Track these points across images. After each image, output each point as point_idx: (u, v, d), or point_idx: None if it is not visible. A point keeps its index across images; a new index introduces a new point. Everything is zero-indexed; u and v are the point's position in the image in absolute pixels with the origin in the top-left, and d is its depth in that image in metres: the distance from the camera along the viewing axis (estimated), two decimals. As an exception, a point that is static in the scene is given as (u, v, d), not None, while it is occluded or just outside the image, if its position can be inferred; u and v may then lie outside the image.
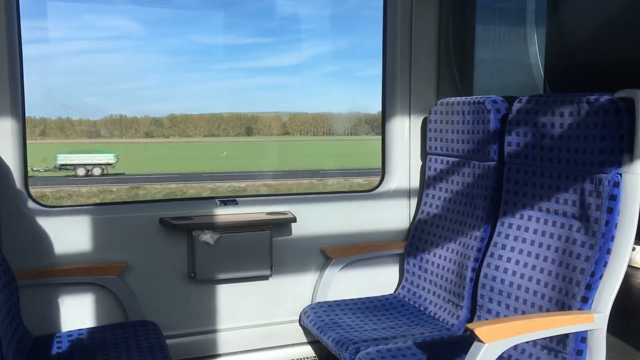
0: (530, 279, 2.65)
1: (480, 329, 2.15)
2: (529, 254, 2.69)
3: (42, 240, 2.97)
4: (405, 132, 3.61)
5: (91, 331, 2.91)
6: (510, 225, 2.83)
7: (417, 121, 3.61)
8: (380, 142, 3.70)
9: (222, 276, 3.23)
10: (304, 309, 3.35)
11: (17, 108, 2.91)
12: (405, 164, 3.63)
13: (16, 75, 2.91)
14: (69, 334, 2.90)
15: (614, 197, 2.36)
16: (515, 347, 2.58)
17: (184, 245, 3.20)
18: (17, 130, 2.92)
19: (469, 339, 2.34)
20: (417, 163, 3.64)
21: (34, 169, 20.71)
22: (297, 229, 3.40)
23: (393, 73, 3.56)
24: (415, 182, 3.64)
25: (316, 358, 3.49)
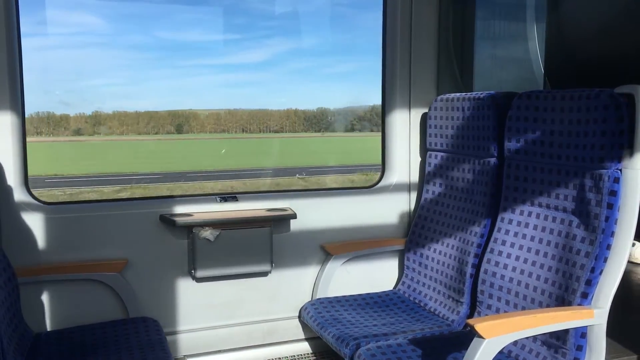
0: (530, 274, 2.65)
1: (480, 325, 2.15)
2: (528, 249, 2.69)
3: (42, 237, 2.97)
4: (405, 128, 3.60)
5: (92, 328, 2.91)
6: (510, 221, 2.83)
7: (417, 117, 3.60)
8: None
9: (223, 272, 3.23)
10: (304, 305, 3.35)
11: (16, 105, 2.91)
12: (405, 160, 3.63)
13: (15, 72, 2.90)
14: (70, 330, 2.90)
15: (614, 193, 2.35)
16: (515, 343, 2.59)
17: (184, 241, 3.20)
18: (17, 128, 2.92)
19: (469, 335, 2.34)
20: (417, 159, 3.64)
21: None
22: (297, 225, 3.40)
23: (393, 69, 3.56)
24: (415, 178, 3.64)
25: (316, 354, 3.50)
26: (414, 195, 3.64)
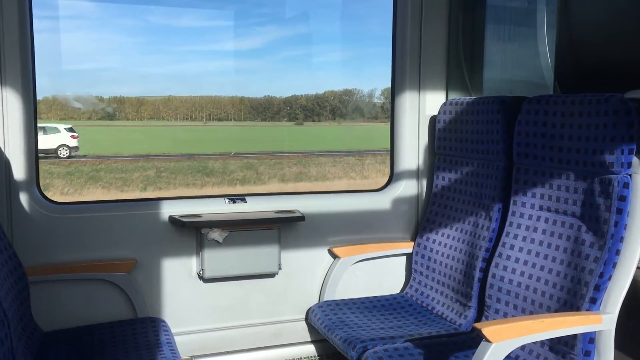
0: (538, 279, 2.64)
1: (487, 329, 2.15)
2: (537, 254, 2.69)
3: (52, 236, 3.00)
4: (414, 131, 3.61)
5: (100, 327, 2.93)
6: (518, 226, 2.82)
7: (426, 121, 3.61)
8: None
9: (230, 274, 3.24)
10: (311, 308, 3.36)
11: (29, 104, 2.93)
12: (414, 163, 3.63)
13: (28, 68, 2.92)
14: (78, 330, 2.92)
15: (623, 198, 2.35)
16: (522, 348, 2.58)
17: (192, 242, 3.22)
18: (28, 127, 2.94)
19: (476, 339, 2.34)
20: (426, 163, 3.63)
21: None
22: (305, 228, 3.40)
23: (402, 72, 3.56)
24: (424, 182, 3.64)
25: (323, 357, 3.50)
26: (422, 198, 3.64)
